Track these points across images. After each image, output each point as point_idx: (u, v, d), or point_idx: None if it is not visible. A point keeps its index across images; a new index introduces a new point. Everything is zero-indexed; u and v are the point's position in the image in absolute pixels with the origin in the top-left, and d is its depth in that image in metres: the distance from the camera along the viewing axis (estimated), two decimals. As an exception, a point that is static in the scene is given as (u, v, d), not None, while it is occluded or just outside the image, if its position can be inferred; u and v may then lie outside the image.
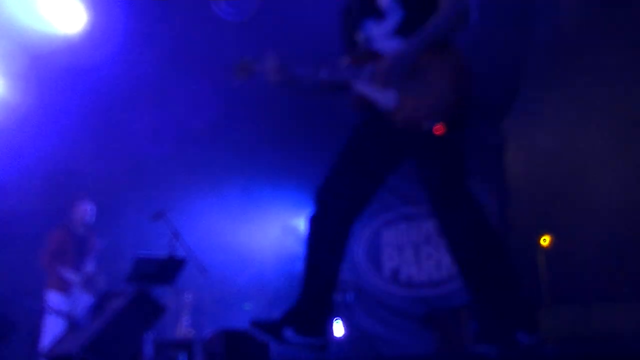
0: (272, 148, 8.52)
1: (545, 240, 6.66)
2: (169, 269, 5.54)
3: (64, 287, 6.04)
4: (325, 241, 2.90)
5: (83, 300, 5.94)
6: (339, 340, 7.39)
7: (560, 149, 7.48)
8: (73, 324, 5.67)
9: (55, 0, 6.84)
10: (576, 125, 7.35)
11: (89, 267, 6.12)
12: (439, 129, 2.65)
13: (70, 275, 6.03)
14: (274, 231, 8.90)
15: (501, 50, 7.51)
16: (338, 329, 7.40)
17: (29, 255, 8.86)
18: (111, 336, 4.35)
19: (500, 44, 7.47)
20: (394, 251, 8.20)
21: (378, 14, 2.82)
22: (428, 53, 2.69)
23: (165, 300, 5.77)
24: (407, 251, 8.16)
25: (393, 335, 7.86)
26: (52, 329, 5.75)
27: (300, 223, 8.69)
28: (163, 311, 4.88)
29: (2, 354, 6.53)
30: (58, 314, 5.73)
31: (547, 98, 7.53)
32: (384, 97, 2.76)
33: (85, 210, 6.35)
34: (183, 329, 6.71)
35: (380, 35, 2.85)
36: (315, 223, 2.94)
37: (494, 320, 2.70)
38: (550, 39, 7.62)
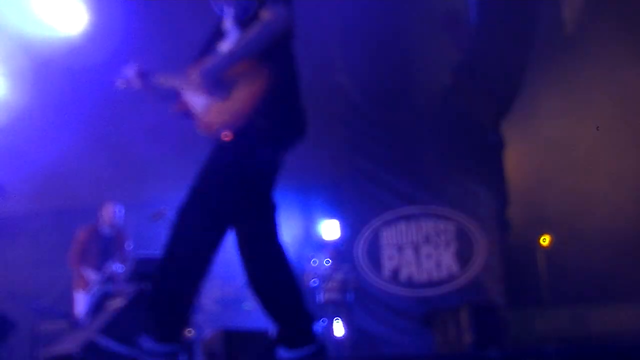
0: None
1: (545, 240, 6.66)
2: (169, 269, 5.54)
3: (86, 286, 6.09)
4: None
5: None
6: (339, 340, 7.39)
7: (561, 150, 7.49)
8: (73, 324, 5.68)
9: (56, 1, 6.84)
10: (578, 125, 7.35)
11: (113, 267, 6.13)
12: (226, 135, 2.82)
13: (91, 274, 6.07)
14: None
15: (502, 50, 7.52)
16: (338, 329, 7.40)
17: (29, 255, 8.87)
18: (112, 335, 4.35)
19: (500, 44, 7.48)
20: (394, 251, 8.20)
21: (223, 36, 3.05)
22: (244, 65, 2.85)
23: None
24: (407, 251, 8.16)
25: (393, 335, 7.86)
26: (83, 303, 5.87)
27: (300, 223, 8.69)
28: (163, 311, 4.87)
29: (2, 354, 6.54)
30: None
31: (549, 96, 7.54)
32: (197, 103, 2.97)
33: (113, 212, 6.39)
34: (183, 329, 6.71)
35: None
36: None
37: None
38: (552, 37, 7.62)
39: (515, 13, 7.43)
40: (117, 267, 6.15)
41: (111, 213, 6.38)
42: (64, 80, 7.40)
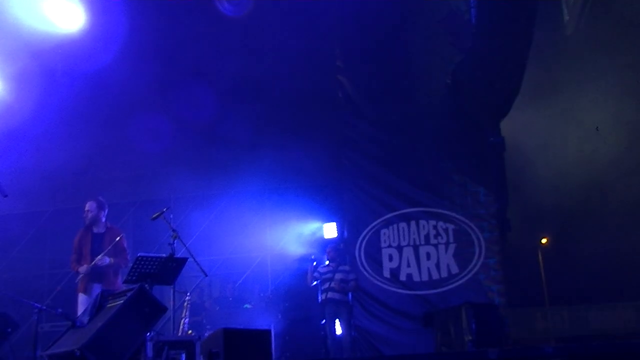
0: (272, 150, 8.53)
1: (545, 241, 6.67)
2: (169, 269, 5.53)
3: (84, 289, 6.06)
4: None
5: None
6: (339, 340, 7.39)
7: (560, 149, 7.49)
8: (73, 323, 5.67)
9: (56, 1, 6.84)
10: (579, 128, 7.36)
11: (99, 261, 6.07)
12: None
13: (81, 268, 6.06)
14: (273, 231, 8.91)
15: (502, 51, 7.52)
16: (338, 328, 7.39)
17: (29, 255, 8.87)
18: (111, 334, 4.34)
19: (500, 45, 7.48)
20: (394, 251, 8.20)
21: None
22: None
23: (165, 300, 5.77)
24: (407, 251, 8.16)
25: (393, 335, 7.86)
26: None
27: (301, 223, 8.70)
28: (163, 311, 4.87)
29: (2, 353, 6.54)
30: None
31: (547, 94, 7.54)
32: None
33: (90, 209, 6.33)
34: (183, 329, 6.70)
35: None
36: None
37: None
38: (550, 45, 7.62)
39: (515, 13, 7.42)
40: (103, 261, 6.07)
41: (86, 210, 6.33)
42: (63, 80, 7.40)
